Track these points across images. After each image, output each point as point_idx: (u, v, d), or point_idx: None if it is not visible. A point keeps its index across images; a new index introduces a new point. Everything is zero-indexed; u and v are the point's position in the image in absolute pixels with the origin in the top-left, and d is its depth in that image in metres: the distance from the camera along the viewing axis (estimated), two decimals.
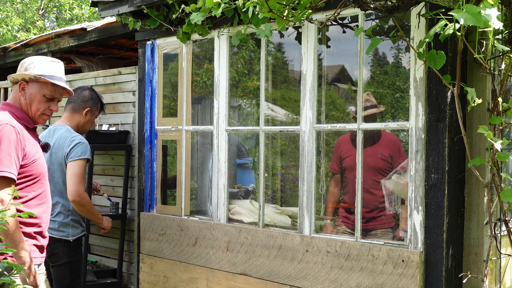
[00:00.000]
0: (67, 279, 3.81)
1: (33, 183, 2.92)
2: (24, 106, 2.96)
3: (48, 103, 2.99)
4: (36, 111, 2.96)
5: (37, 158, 2.93)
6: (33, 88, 2.95)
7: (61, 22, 17.46)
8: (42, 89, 2.96)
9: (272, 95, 4.88)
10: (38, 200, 2.95)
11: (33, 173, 2.90)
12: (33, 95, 2.95)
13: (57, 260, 3.78)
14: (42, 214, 2.97)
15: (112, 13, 4.78)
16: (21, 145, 2.82)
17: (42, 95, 2.96)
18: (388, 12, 2.87)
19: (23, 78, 2.95)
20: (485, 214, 3.13)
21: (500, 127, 3.00)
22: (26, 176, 2.88)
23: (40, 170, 2.94)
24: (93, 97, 4.10)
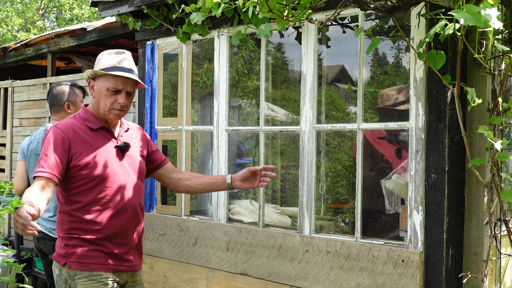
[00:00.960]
0: None
1: (88, 188, 2.73)
2: (95, 104, 2.83)
3: (115, 96, 2.79)
4: (104, 106, 2.79)
5: (93, 160, 2.73)
6: (98, 84, 2.81)
7: (61, 22, 17.46)
8: (105, 83, 2.78)
9: (272, 95, 4.88)
10: (99, 206, 2.74)
11: (88, 176, 2.72)
12: (98, 91, 2.81)
13: None
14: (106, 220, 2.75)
15: (112, 13, 4.78)
16: (65, 146, 2.68)
17: (106, 89, 2.78)
18: (388, 12, 2.87)
19: (88, 76, 2.84)
20: (485, 214, 3.14)
21: (500, 127, 3.00)
22: (78, 180, 2.72)
23: (98, 174, 2.73)
24: (63, 89, 4.00)
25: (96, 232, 2.73)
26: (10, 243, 5.96)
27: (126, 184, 2.82)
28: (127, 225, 2.81)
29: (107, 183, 2.75)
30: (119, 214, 2.78)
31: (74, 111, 3.96)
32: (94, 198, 2.73)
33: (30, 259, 5.47)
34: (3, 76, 7.53)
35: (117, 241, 2.78)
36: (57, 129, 2.72)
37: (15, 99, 6.57)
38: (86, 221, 2.72)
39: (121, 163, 2.83)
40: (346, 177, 4.47)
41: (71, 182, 2.72)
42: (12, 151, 6.60)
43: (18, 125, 6.52)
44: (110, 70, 2.76)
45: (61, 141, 2.68)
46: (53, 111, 4.00)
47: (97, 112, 2.84)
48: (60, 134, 2.70)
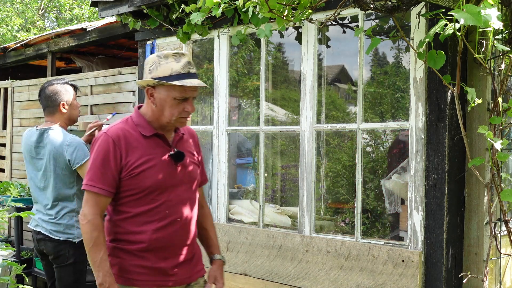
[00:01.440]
0: (71, 279, 3.80)
1: (137, 198, 2.54)
2: (156, 112, 2.56)
3: (182, 104, 2.54)
4: (171, 116, 2.54)
5: (146, 169, 2.53)
6: (161, 92, 2.52)
7: (61, 22, 17.46)
8: (171, 92, 2.51)
9: (272, 95, 4.88)
10: (146, 218, 2.55)
11: (138, 186, 2.52)
12: (163, 100, 2.53)
13: (63, 261, 3.76)
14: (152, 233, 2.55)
15: (112, 13, 4.78)
16: (117, 156, 2.51)
17: (172, 99, 2.52)
18: (388, 12, 2.87)
19: (148, 84, 2.54)
20: (485, 214, 3.14)
21: (500, 127, 3.00)
22: (128, 189, 2.54)
23: (148, 184, 2.53)
24: (56, 89, 3.85)
25: (140, 245, 2.55)
26: (10, 243, 5.96)
27: (177, 196, 2.61)
28: (174, 239, 2.60)
29: (157, 194, 2.55)
30: (166, 227, 2.57)
31: (69, 110, 3.87)
32: (142, 209, 2.55)
33: (30, 259, 5.47)
34: (3, 76, 7.53)
35: (162, 254, 2.59)
36: (108, 138, 2.53)
37: (15, 99, 6.57)
38: (131, 233, 2.56)
39: (174, 173, 2.60)
40: (346, 177, 4.47)
41: (120, 191, 2.55)
42: (12, 151, 6.60)
43: (18, 125, 6.52)
44: (176, 78, 2.50)
45: (112, 152, 2.50)
46: (47, 112, 3.88)
47: (155, 119, 2.59)
48: (111, 144, 2.51)
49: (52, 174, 3.77)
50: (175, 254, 2.62)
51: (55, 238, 3.73)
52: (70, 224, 3.77)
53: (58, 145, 3.72)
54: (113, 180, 2.51)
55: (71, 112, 3.87)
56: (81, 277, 3.86)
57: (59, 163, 3.74)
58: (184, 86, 2.50)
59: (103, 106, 5.39)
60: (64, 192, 3.76)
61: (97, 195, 2.50)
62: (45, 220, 3.80)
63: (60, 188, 3.76)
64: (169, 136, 2.65)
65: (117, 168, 2.51)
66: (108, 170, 2.50)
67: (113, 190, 2.52)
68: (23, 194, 5.41)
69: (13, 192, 3.48)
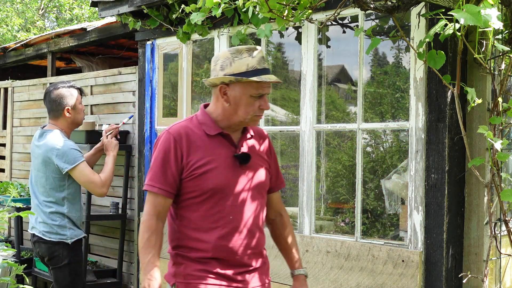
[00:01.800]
0: (67, 280, 3.79)
1: (199, 201, 2.39)
2: (229, 110, 2.40)
3: (258, 102, 2.40)
4: (246, 114, 2.40)
5: (208, 170, 2.37)
6: (236, 90, 2.37)
7: (61, 22, 17.47)
8: (247, 89, 2.37)
9: (272, 95, 4.88)
10: (208, 223, 2.39)
11: (200, 188, 2.37)
12: (238, 98, 2.38)
13: (58, 262, 3.76)
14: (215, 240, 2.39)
15: (112, 13, 4.78)
16: (178, 155, 2.37)
17: (249, 96, 2.38)
18: (388, 12, 2.87)
19: (223, 81, 2.38)
20: (485, 214, 3.13)
21: (500, 127, 3.00)
22: (189, 191, 2.40)
23: (210, 187, 2.37)
24: (61, 93, 3.85)
25: (203, 252, 2.40)
26: (10, 243, 5.96)
27: (242, 201, 2.43)
28: (239, 247, 2.42)
29: (220, 198, 2.39)
30: (230, 234, 2.40)
31: (74, 115, 3.85)
32: (203, 214, 2.39)
33: (30, 259, 5.47)
34: (3, 76, 7.52)
35: (227, 262, 2.42)
36: (169, 136, 2.40)
37: (15, 99, 6.57)
38: (194, 240, 2.41)
39: (239, 176, 2.43)
40: (346, 177, 4.47)
41: (181, 194, 2.41)
42: (12, 151, 6.60)
43: (18, 125, 6.52)
44: (253, 74, 2.35)
45: (173, 151, 2.37)
46: (52, 116, 3.88)
47: (226, 118, 2.43)
48: (173, 142, 2.38)
49: (44, 176, 3.77)
50: (241, 262, 2.44)
51: (48, 239, 3.72)
52: (62, 225, 3.76)
53: (49, 149, 3.72)
54: (173, 181, 2.38)
55: (75, 116, 3.87)
56: (77, 277, 3.86)
57: (49, 166, 3.74)
58: (261, 82, 2.36)
59: (103, 106, 5.39)
60: (54, 195, 3.76)
61: (155, 195, 2.39)
62: (39, 221, 3.80)
63: (51, 190, 3.76)
64: (235, 137, 2.48)
65: (178, 168, 2.38)
66: (168, 169, 2.37)
67: (173, 191, 2.39)
68: (23, 194, 5.42)
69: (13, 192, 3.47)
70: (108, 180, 3.82)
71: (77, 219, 3.84)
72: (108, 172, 3.85)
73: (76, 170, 3.69)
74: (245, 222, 2.43)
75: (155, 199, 2.40)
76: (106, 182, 3.80)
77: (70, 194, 3.77)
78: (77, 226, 3.85)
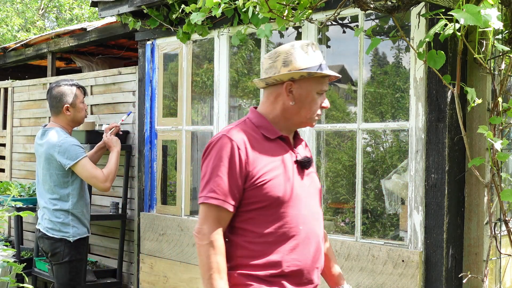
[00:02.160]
0: (66, 278, 3.82)
1: (265, 212, 2.14)
2: (291, 110, 2.22)
3: (320, 99, 2.24)
4: (309, 114, 2.23)
5: (274, 177, 2.14)
6: (303, 87, 2.19)
7: (61, 22, 17.47)
8: (314, 86, 2.20)
9: None
10: (276, 236, 2.14)
11: (266, 197, 2.13)
12: (304, 96, 2.20)
13: (59, 259, 3.80)
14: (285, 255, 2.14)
15: (112, 13, 4.78)
16: (241, 163, 2.11)
17: (315, 93, 2.21)
18: (388, 12, 2.87)
19: (292, 77, 2.18)
20: (485, 214, 3.13)
21: (500, 127, 3.00)
22: (252, 202, 2.13)
23: (277, 196, 2.13)
24: (62, 91, 3.88)
25: (273, 269, 2.13)
26: (10, 243, 5.96)
27: (309, 210, 2.22)
28: (309, 261, 2.19)
29: (288, 208, 2.16)
30: (300, 247, 2.17)
31: (73, 113, 3.89)
32: (272, 226, 2.14)
33: (30, 259, 5.46)
34: (3, 76, 7.53)
35: (296, 280, 2.17)
36: (229, 141, 2.14)
37: (15, 99, 6.57)
38: (261, 255, 2.13)
39: (302, 183, 2.23)
40: (346, 177, 4.47)
41: (243, 205, 2.15)
42: (12, 151, 6.60)
43: (18, 125, 6.52)
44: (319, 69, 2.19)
45: (237, 158, 2.12)
46: (53, 113, 3.94)
47: (285, 119, 2.24)
48: (234, 148, 2.12)
49: (48, 173, 3.82)
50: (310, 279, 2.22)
51: (50, 235, 3.78)
52: (65, 223, 3.80)
53: (51, 146, 3.77)
54: (237, 191, 2.12)
55: (75, 115, 3.90)
56: (77, 276, 3.88)
57: (52, 163, 3.78)
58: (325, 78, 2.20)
59: (103, 106, 5.39)
60: (59, 191, 3.81)
61: (219, 209, 2.09)
62: (44, 218, 3.85)
63: (55, 187, 3.81)
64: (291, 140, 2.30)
65: (242, 177, 2.12)
66: (232, 179, 2.10)
67: (236, 204, 2.13)
68: (23, 194, 5.42)
69: (13, 192, 3.49)
70: (111, 175, 3.89)
71: (82, 215, 3.88)
72: (111, 166, 3.93)
73: (78, 166, 3.75)
74: (314, 233, 2.22)
75: (218, 213, 2.10)
76: (109, 176, 3.87)
77: (74, 190, 3.83)
78: (82, 224, 3.88)
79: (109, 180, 3.88)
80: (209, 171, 2.13)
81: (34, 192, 5.44)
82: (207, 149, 2.18)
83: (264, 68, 2.24)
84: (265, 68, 2.24)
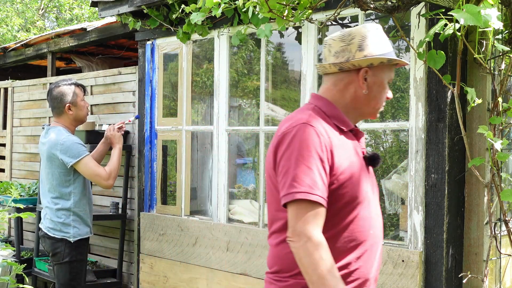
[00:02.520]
0: (67, 278, 3.84)
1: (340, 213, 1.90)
2: (362, 99, 2.01)
3: (387, 89, 2.06)
4: (377, 104, 2.04)
5: (350, 176, 1.91)
6: (378, 74, 2.00)
7: (61, 22, 17.46)
8: (387, 74, 2.02)
9: (272, 95, 4.88)
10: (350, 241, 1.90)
11: (344, 196, 1.90)
12: (378, 84, 2.00)
13: (59, 259, 3.81)
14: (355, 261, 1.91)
15: (112, 13, 4.78)
16: (327, 154, 1.87)
17: (386, 82, 2.03)
18: (388, 12, 2.87)
19: (371, 63, 1.97)
20: (485, 214, 3.14)
21: (500, 127, 3.00)
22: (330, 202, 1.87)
23: (354, 195, 1.91)
24: (62, 91, 3.90)
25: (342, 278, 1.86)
26: (10, 243, 5.96)
27: (376, 212, 2.02)
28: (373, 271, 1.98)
29: (361, 210, 1.93)
30: (367, 255, 1.94)
31: (75, 111, 3.93)
32: (343, 230, 1.91)
33: (30, 259, 5.46)
34: (3, 76, 7.52)
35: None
36: (312, 130, 1.87)
37: (15, 99, 6.57)
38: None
39: (369, 181, 2.01)
40: None
41: None
42: (12, 151, 6.60)
43: (18, 125, 6.52)
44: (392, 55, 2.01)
45: (322, 149, 1.86)
46: (55, 113, 3.97)
47: (354, 108, 2.03)
48: (320, 137, 1.87)
49: (50, 171, 3.84)
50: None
51: (52, 235, 3.80)
52: (66, 223, 3.81)
53: (53, 145, 3.79)
54: (326, 187, 1.85)
55: (77, 113, 3.94)
56: (78, 276, 3.89)
57: (54, 162, 3.81)
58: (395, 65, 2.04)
59: (103, 106, 5.39)
60: (61, 190, 3.83)
61: (313, 204, 1.80)
62: (47, 217, 3.88)
63: (57, 186, 3.83)
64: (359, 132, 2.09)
65: (327, 171, 1.86)
66: (322, 172, 1.84)
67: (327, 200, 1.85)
68: (23, 194, 5.42)
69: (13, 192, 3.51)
70: (113, 172, 3.92)
71: (85, 214, 3.90)
72: (113, 164, 3.96)
73: (80, 164, 3.77)
74: (379, 238, 2.01)
75: (313, 210, 1.81)
76: (111, 174, 3.91)
77: (76, 189, 3.85)
78: (85, 223, 3.89)
79: (112, 177, 3.91)
80: (294, 164, 1.83)
81: (34, 192, 5.45)
82: (284, 139, 1.89)
83: (334, 51, 2.00)
84: (334, 51, 2.00)
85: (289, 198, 1.81)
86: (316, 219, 1.80)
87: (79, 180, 3.86)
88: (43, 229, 3.87)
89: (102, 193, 5.25)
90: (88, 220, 3.92)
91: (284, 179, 1.84)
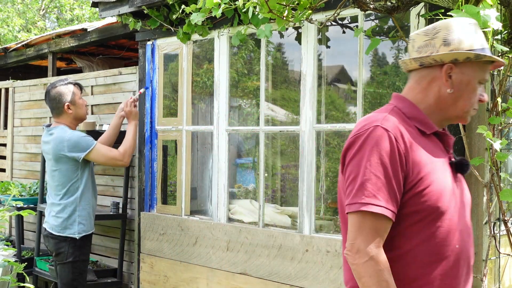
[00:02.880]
0: (69, 278, 3.86)
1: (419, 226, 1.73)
2: (447, 99, 1.84)
3: (479, 90, 1.86)
4: (467, 106, 1.84)
5: (431, 184, 1.74)
6: (466, 72, 1.81)
7: (62, 23, 17.48)
8: (477, 72, 1.83)
9: (272, 95, 4.89)
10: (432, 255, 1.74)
11: (424, 206, 1.73)
12: (465, 84, 1.82)
13: (63, 259, 3.84)
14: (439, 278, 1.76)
15: (112, 13, 4.79)
16: (402, 161, 1.71)
17: (477, 82, 1.83)
18: (388, 12, 2.88)
19: (455, 59, 1.79)
20: (484, 214, 3.14)
21: (499, 127, 3.01)
22: (407, 212, 1.73)
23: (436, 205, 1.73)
24: (60, 91, 3.94)
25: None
26: (11, 243, 5.97)
27: (464, 224, 1.85)
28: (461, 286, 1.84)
29: (444, 221, 1.76)
30: (457, 270, 1.81)
31: (75, 110, 3.96)
32: (425, 242, 1.74)
33: (31, 258, 5.47)
34: (4, 76, 7.53)
35: None
36: (386, 133, 1.73)
37: (16, 99, 6.58)
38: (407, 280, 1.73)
39: (456, 190, 1.84)
40: None
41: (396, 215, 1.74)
42: (13, 151, 6.61)
43: (19, 125, 6.53)
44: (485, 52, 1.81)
45: (397, 156, 1.71)
46: (54, 114, 4.00)
47: (438, 110, 1.86)
48: (393, 142, 1.72)
49: (56, 169, 3.87)
50: None
51: (56, 234, 3.82)
52: (71, 220, 3.84)
53: (59, 143, 3.83)
54: (398, 197, 1.71)
55: (76, 112, 3.98)
56: (80, 276, 3.91)
57: (60, 159, 3.84)
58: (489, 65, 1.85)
59: (104, 106, 5.40)
60: (68, 186, 3.87)
61: (378, 217, 1.68)
62: (51, 215, 3.89)
63: (64, 183, 3.86)
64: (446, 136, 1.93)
65: (401, 180, 1.71)
66: (393, 180, 1.69)
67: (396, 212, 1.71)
68: (24, 194, 5.43)
69: (14, 191, 3.53)
70: (128, 150, 4.02)
71: (90, 209, 3.92)
72: (128, 142, 4.04)
73: (92, 154, 3.84)
74: (467, 253, 1.86)
75: (377, 223, 1.68)
76: (126, 152, 4.00)
77: (83, 183, 3.90)
78: (89, 218, 3.92)
79: (128, 155, 4.02)
80: (362, 170, 1.70)
81: (35, 192, 5.46)
82: (354, 142, 1.75)
83: (417, 46, 1.86)
84: (417, 46, 1.86)
85: (352, 209, 1.70)
86: (379, 235, 1.68)
87: (86, 174, 3.92)
88: (47, 228, 3.89)
89: (103, 193, 5.26)
90: (92, 214, 3.97)
91: (350, 187, 1.72)
